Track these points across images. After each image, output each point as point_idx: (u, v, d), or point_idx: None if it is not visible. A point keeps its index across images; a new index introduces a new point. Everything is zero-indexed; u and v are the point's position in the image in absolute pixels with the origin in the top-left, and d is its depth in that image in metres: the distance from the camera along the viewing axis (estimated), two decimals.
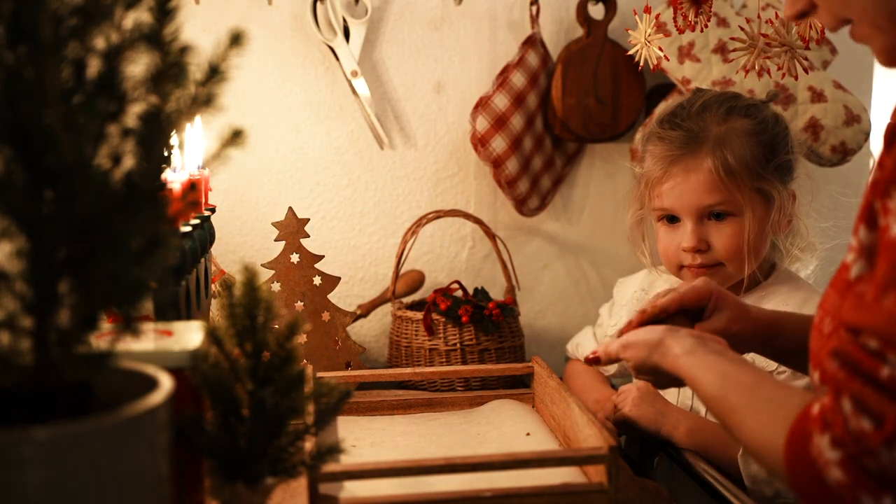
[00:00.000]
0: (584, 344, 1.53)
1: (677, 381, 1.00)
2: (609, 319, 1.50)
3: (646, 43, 1.34)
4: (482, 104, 1.61)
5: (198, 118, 1.15)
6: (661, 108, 1.44)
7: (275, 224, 1.49)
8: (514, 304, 1.60)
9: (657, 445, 1.26)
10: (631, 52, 1.33)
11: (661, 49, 1.34)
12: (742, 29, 1.28)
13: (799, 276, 1.38)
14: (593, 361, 1.09)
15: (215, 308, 1.30)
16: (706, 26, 1.30)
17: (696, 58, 1.57)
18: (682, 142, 1.30)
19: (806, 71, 1.30)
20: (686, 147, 1.30)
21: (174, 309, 0.96)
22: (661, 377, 1.02)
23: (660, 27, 1.54)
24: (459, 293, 1.60)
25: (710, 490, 1.11)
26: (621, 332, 1.08)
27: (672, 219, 1.33)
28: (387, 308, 1.68)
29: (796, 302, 1.30)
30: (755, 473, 1.14)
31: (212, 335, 0.76)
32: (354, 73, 1.62)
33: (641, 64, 1.34)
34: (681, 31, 1.31)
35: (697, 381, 0.93)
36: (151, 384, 0.63)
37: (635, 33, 1.33)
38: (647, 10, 1.34)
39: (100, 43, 0.59)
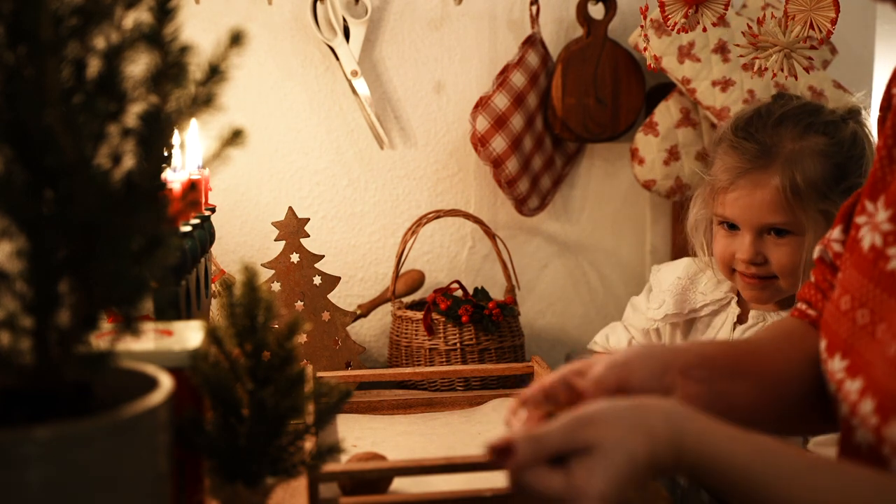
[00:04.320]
0: (615, 335, 1.49)
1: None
2: (648, 303, 1.45)
3: (645, 41, 1.34)
4: (482, 104, 1.61)
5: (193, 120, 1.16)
6: (738, 111, 1.38)
7: (275, 224, 1.49)
8: (514, 304, 1.60)
9: None
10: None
11: (646, 50, 1.34)
12: (750, 27, 1.28)
13: None
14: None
15: (215, 308, 1.31)
16: (716, 24, 1.29)
17: (696, 57, 1.57)
18: (754, 155, 1.26)
19: (807, 70, 1.29)
20: (756, 161, 1.26)
21: (174, 309, 0.96)
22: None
23: (660, 27, 1.54)
24: (459, 293, 1.60)
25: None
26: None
27: (732, 226, 1.31)
28: (387, 308, 1.68)
29: None
30: None
31: (212, 335, 0.76)
32: (354, 73, 1.62)
33: (649, 64, 1.34)
34: (678, 31, 1.31)
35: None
36: (151, 384, 0.63)
37: (635, 34, 1.34)
38: (645, 9, 1.34)
39: (100, 43, 0.59)
